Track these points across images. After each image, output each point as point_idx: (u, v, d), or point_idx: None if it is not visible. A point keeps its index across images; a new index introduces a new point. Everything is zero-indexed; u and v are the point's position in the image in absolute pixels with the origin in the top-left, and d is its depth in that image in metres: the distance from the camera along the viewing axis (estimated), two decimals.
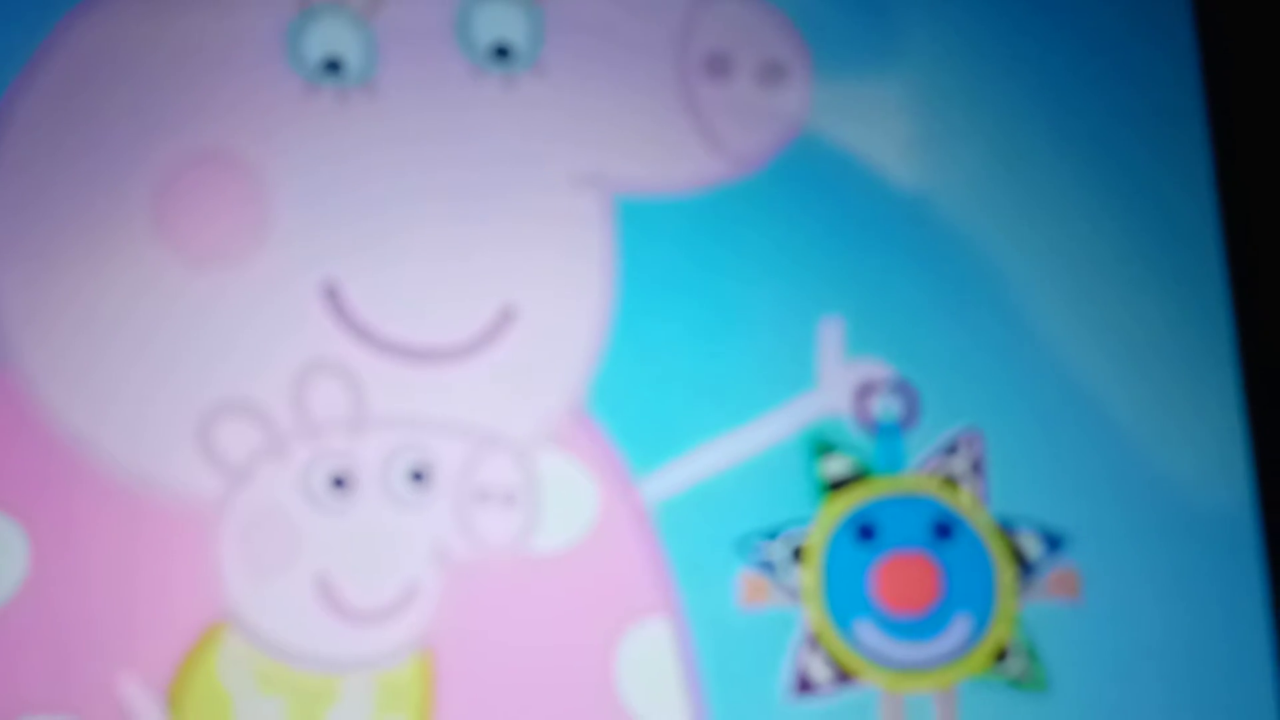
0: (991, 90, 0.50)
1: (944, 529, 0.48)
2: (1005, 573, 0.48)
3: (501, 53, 0.49)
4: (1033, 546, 0.48)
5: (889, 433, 0.48)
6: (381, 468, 0.46)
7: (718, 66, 0.50)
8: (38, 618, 0.45)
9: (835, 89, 0.50)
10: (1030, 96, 0.51)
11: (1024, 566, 0.48)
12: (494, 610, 0.46)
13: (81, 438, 0.46)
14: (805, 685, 0.47)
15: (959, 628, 0.47)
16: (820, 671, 0.47)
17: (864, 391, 0.48)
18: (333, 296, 0.48)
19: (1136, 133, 0.50)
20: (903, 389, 0.48)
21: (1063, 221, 0.50)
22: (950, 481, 0.48)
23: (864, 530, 0.48)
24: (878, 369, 0.49)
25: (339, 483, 0.46)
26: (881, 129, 0.50)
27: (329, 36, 0.49)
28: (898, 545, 0.48)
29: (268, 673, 0.45)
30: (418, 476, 0.46)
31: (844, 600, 0.47)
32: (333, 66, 0.49)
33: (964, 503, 0.48)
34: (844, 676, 0.47)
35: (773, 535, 0.47)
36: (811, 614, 0.47)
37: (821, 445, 0.48)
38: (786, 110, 0.50)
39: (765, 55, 0.50)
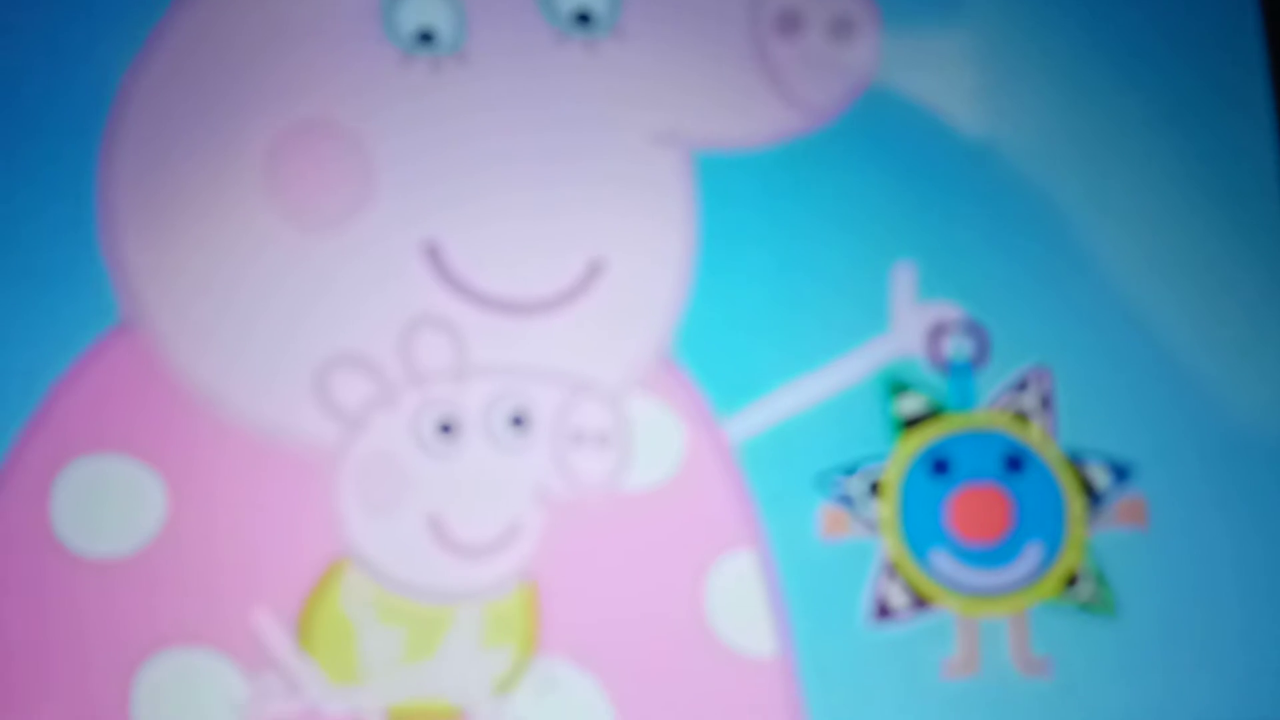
0: (1053, 36, 0.52)
1: (1015, 462, 0.50)
2: (1074, 502, 0.50)
3: (583, 19, 0.52)
4: (1101, 477, 0.50)
5: (960, 371, 0.50)
6: (484, 414, 0.49)
7: (789, 23, 0.52)
8: (176, 558, 0.48)
9: (903, 41, 0.52)
10: (1091, 41, 0.52)
11: (1092, 496, 0.50)
12: (591, 544, 0.49)
13: (209, 391, 0.49)
14: (884, 611, 0.49)
15: (1030, 555, 0.49)
16: (898, 598, 0.49)
17: (936, 333, 0.50)
18: (434, 254, 0.50)
19: (1196, 76, 0.51)
20: (973, 329, 0.50)
21: (1125, 162, 0.51)
22: (1020, 416, 0.50)
23: (938, 464, 0.50)
24: (949, 311, 0.50)
25: (445, 428, 0.49)
26: (948, 79, 0.51)
27: (421, 9, 0.51)
28: (970, 478, 0.50)
29: (386, 603, 0.48)
30: (517, 421, 0.50)
31: (920, 531, 0.49)
32: (425, 37, 0.51)
33: (1034, 436, 0.50)
34: (921, 602, 0.49)
35: (851, 471, 0.50)
36: (889, 544, 0.49)
37: (896, 385, 0.50)
38: (856, 63, 0.52)
39: (834, 11, 0.52)
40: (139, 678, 0.48)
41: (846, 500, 0.49)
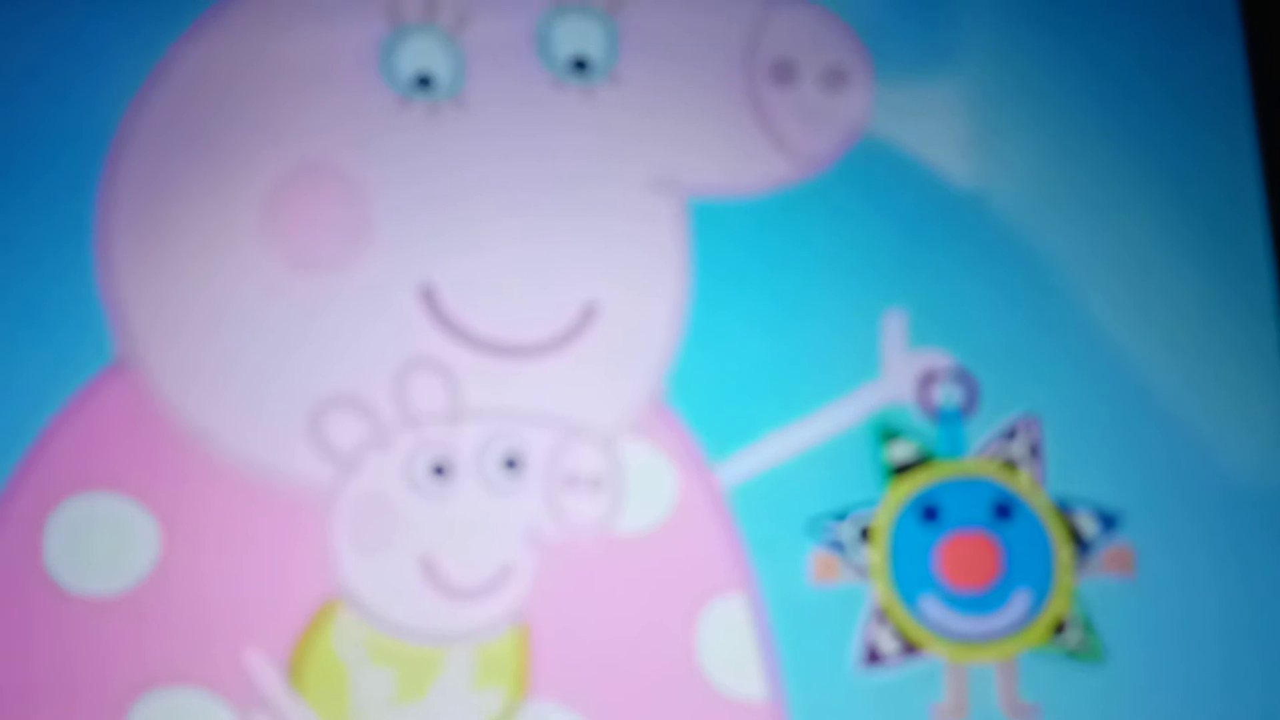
0: (1045, 89, 0.52)
1: (1004, 509, 0.50)
2: (1063, 550, 0.50)
3: (580, 65, 0.52)
4: (1089, 525, 0.50)
5: (950, 419, 0.51)
6: (477, 456, 0.50)
7: (783, 73, 0.52)
8: (168, 597, 0.48)
9: (895, 92, 0.52)
10: (1082, 94, 0.52)
11: (1080, 544, 0.50)
12: (583, 587, 0.49)
13: (205, 432, 0.49)
14: (874, 656, 0.49)
15: (1019, 602, 0.50)
16: (888, 644, 0.49)
17: (926, 380, 0.51)
18: (429, 297, 0.51)
19: (1186, 128, 0.52)
20: (963, 377, 0.51)
21: (1114, 214, 0.52)
22: (1009, 465, 0.50)
23: (928, 511, 0.50)
24: (939, 359, 0.51)
25: (439, 470, 0.50)
26: (940, 130, 0.52)
27: (420, 53, 0.52)
28: (960, 525, 0.50)
29: (378, 645, 0.49)
30: (510, 464, 0.50)
31: (910, 577, 0.50)
32: (424, 81, 0.52)
33: (1023, 484, 0.50)
34: (910, 648, 0.49)
35: (842, 516, 0.50)
36: (879, 590, 0.50)
37: (886, 431, 0.50)
38: (849, 114, 0.52)
39: (829, 61, 0.52)
40: (130, 717, 0.48)
41: (837, 545, 0.50)
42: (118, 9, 0.52)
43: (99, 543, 0.49)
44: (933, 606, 0.49)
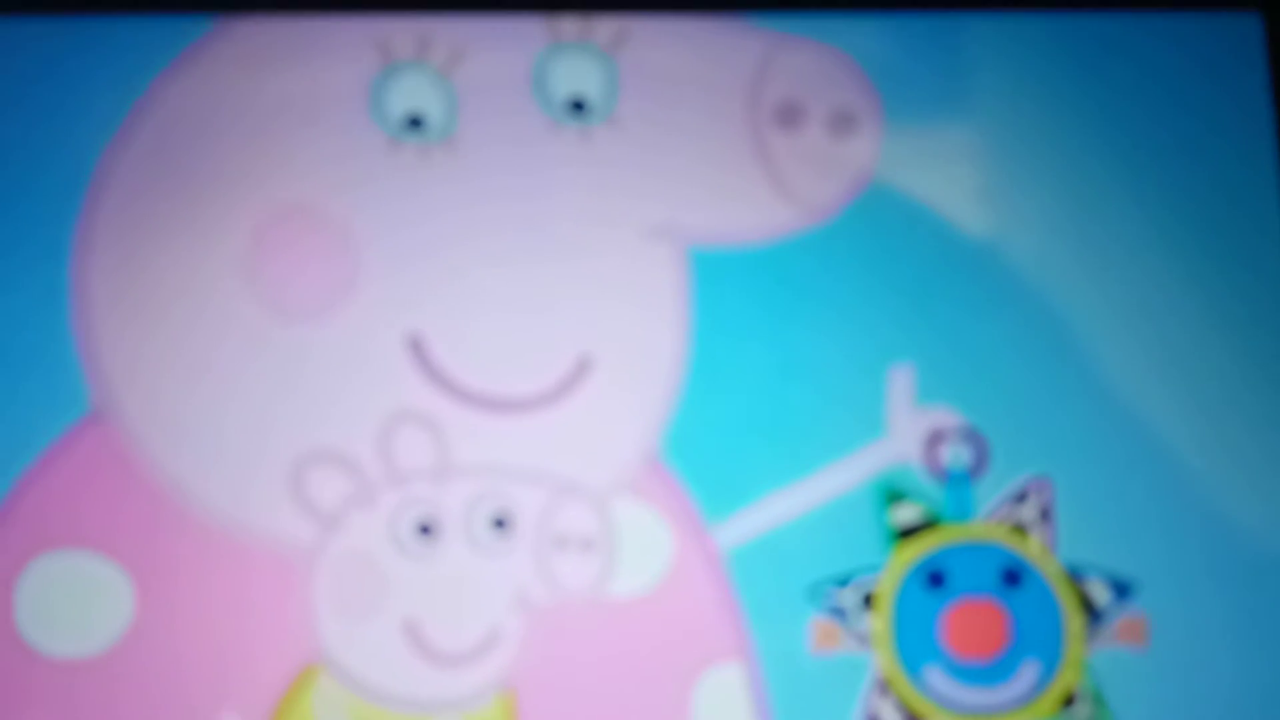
0: (1061, 137, 0.51)
1: (1013, 576, 0.49)
2: (1073, 620, 0.48)
3: (577, 106, 0.50)
4: (1101, 594, 0.48)
5: (958, 481, 0.49)
6: (465, 515, 0.48)
7: (789, 116, 0.51)
8: (143, 659, 0.47)
9: (906, 138, 0.51)
10: (1099, 143, 0.51)
11: (1092, 614, 0.48)
12: (573, 653, 0.48)
13: (181, 487, 0.48)
14: None
15: (1027, 674, 0.48)
16: (890, 716, 0.48)
17: (934, 439, 0.49)
18: (417, 348, 0.49)
19: (1206, 179, 0.50)
20: (972, 437, 0.49)
21: (1131, 268, 0.50)
22: (1019, 529, 0.49)
23: (934, 577, 0.48)
24: (948, 417, 0.49)
25: (425, 530, 0.48)
26: (951, 178, 0.50)
27: (411, 93, 0.50)
28: (967, 592, 0.48)
29: (360, 712, 0.47)
30: (499, 524, 0.48)
31: (914, 646, 0.48)
32: (415, 122, 0.50)
33: (1033, 550, 0.49)
34: None
35: (844, 582, 0.48)
36: (882, 659, 0.48)
37: (891, 493, 0.49)
38: (857, 159, 0.50)
39: (836, 104, 0.51)
40: None
41: (839, 613, 0.48)
42: (99, 41, 0.50)
43: (72, 603, 0.47)
44: (937, 677, 0.48)
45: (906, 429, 0.49)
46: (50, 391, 0.48)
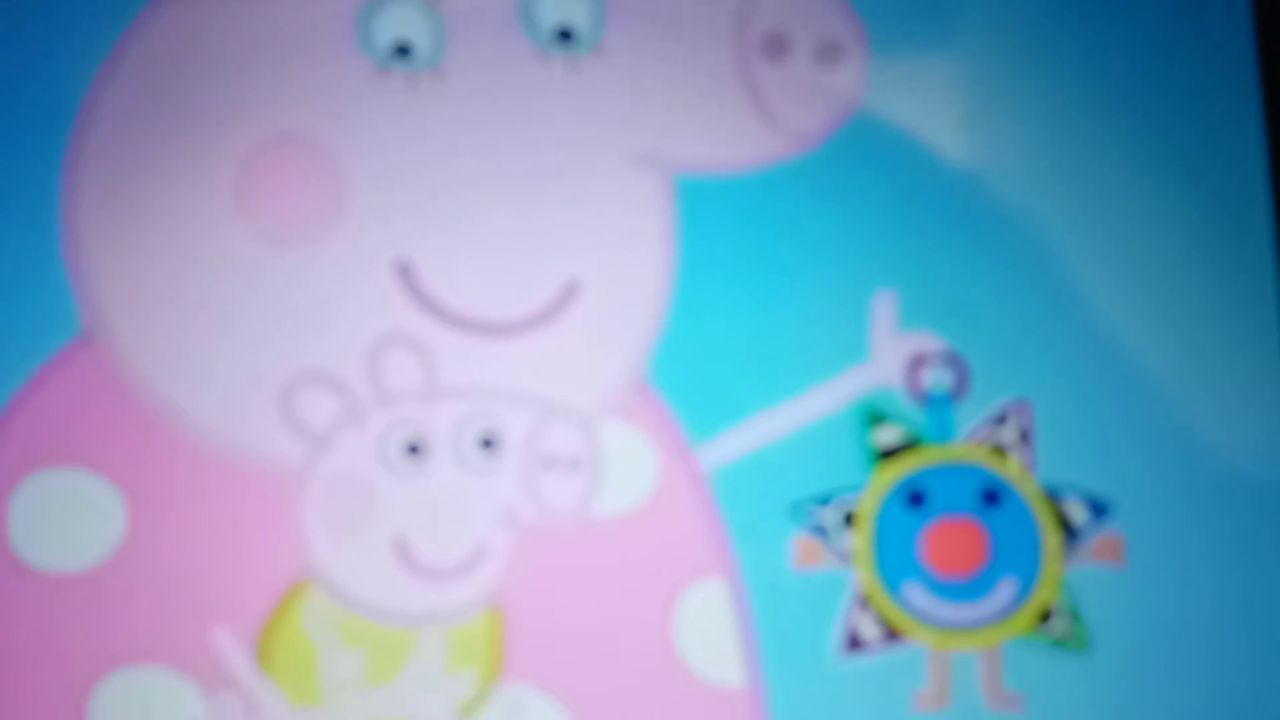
0: (1043, 66, 0.51)
1: (992, 496, 0.49)
2: (1051, 538, 0.49)
3: (564, 36, 0.51)
4: (1078, 513, 0.49)
5: (939, 403, 0.50)
6: (453, 436, 0.49)
7: (775, 46, 0.51)
8: (135, 575, 0.48)
9: (890, 68, 0.51)
10: (1081, 72, 0.51)
11: (1069, 532, 0.49)
12: (559, 570, 0.48)
13: (173, 407, 0.48)
14: (855, 643, 0.48)
15: (1004, 590, 0.49)
16: (870, 630, 0.49)
17: (915, 363, 0.50)
18: (405, 273, 0.50)
19: (1189, 106, 0.51)
20: (953, 361, 0.50)
21: (1113, 194, 0.51)
22: (999, 450, 0.50)
23: (914, 497, 0.49)
24: (929, 341, 0.50)
25: (413, 449, 0.49)
26: (935, 107, 0.51)
27: (398, 22, 0.51)
28: (946, 511, 0.49)
29: (349, 626, 0.48)
30: (487, 444, 0.49)
31: (893, 563, 0.49)
32: (402, 51, 0.51)
33: (1012, 471, 0.49)
34: (892, 635, 0.49)
35: (825, 501, 0.49)
36: (862, 576, 0.49)
37: (873, 415, 0.49)
38: (842, 89, 0.51)
39: (822, 35, 0.51)
40: (95, 695, 0.47)
41: (820, 531, 0.49)
42: None
43: (64, 519, 0.48)
44: (916, 593, 0.49)
45: (889, 353, 0.50)
46: (41, 314, 0.49)
